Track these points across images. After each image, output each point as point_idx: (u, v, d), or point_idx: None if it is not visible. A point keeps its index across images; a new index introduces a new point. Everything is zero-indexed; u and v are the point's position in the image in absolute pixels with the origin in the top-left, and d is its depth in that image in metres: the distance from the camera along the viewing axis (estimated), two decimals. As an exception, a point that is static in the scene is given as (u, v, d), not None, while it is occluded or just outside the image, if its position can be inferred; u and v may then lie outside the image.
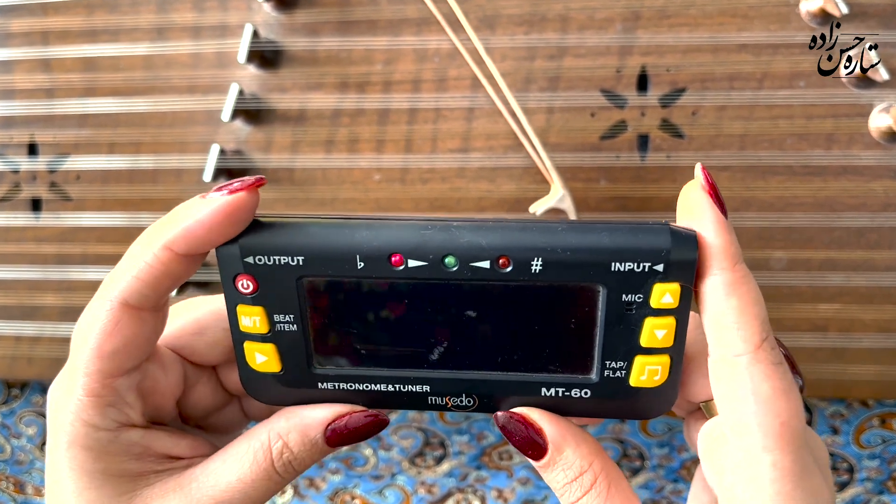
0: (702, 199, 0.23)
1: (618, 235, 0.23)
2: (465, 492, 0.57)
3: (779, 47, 0.42)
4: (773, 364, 0.22)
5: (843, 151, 0.42)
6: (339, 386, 0.26)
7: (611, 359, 0.24)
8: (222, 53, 0.46)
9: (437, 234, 0.23)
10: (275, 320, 0.25)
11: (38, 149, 0.48)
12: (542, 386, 0.25)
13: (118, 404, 0.24)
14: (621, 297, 0.23)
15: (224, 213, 0.23)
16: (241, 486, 0.25)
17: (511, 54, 0.44)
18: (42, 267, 0.49)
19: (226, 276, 0.24)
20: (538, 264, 0.23)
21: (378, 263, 0.23)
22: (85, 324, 0.24)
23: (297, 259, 0.23)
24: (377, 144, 0.45)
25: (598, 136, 0.44)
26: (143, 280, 0.23)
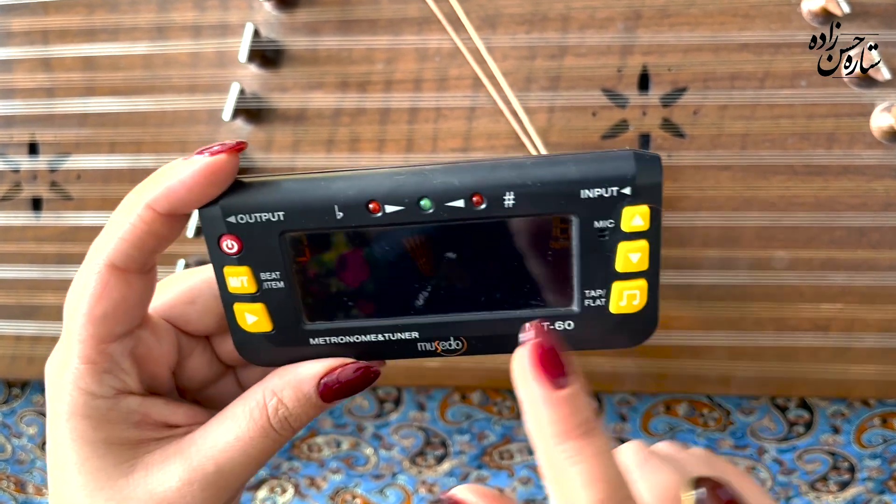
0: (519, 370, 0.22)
1: (585, 164, 0.23)
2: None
3: (780, 47, 0.42)
4: None
5: (845, 151, 0.42)
6: (330, 340, 0.26)
7: (589, 287, 0.25)
8: (223, 53, 0.46)
9: (410, 178, 0.24)
10: (262, 279, 0.25)
11: (38, 148, 0.48)
12: (526, 321, 0.25)
13: (114, 370, 0.25)
14: (593, 223, 0.24)
15: (205, 173, 0.23)
16: (239, 445, 0.25)
17: (512, 53, 0.44)
18: (42, 266, 0.49)
19: (210, 238, 0.25)
20: (511, 199, 0.24)
21: (356, 212, 0.24)
22: (75, 291, 0.24)
23: (278, 214, 0.24)
24: (378, 144, 0.45)
25: (600, 135, 0.44)
26: (128, 241, 0.23)
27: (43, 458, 0.59)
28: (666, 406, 0.52)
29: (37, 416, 0.57)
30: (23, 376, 0.51)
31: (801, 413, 0.50)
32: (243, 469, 0.26)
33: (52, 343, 0.48)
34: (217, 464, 0.25)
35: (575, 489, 0.21)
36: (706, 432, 0.52)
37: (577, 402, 0.22)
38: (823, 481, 0.53)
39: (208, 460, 0.25)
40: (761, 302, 0.43)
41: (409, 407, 0.54)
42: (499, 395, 0.53)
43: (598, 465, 0.21)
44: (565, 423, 0.21)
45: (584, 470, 0.21)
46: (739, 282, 0.43)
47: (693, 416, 0.52)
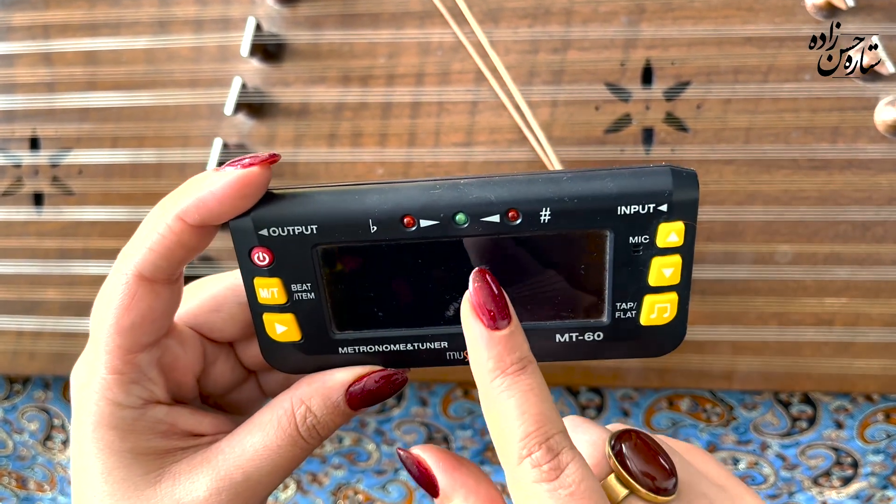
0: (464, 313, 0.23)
1: (621, 180, 0.23)
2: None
3: (784, 40, 0.42)
4: (532, 483, 0.21)
5: (849, 145, 0.42)
6: (359, 349, 0.26)
7: (621, 300, 0.25)
8: (225, 47, 0.45)
9: (446, 192, 0.23)
10: (292, 290, 0.25)
11: (40, 143, 0.48)
12: (555, 332, 0.26)
13: (141, 381, 0.25)
14: (628, 239, 0.24)
15: (237, 186, 0.23)
16: (267, 454, 0.25)
17: (515, 47, 0.44)
18: (44, 261, 0.48)
19: (241, 249, 0.24)
20: (546, 214, 0.23)
21: (390, 226, 0.24)
22: (102, 300, 0.24)
23: (311, 228, 0.24)
24: (380, 138, 0.45)
25: (603, 129, 0.44)
26: (157, 251, 0.23)
27: (44, 455, 0.59)
28: (669, 401, 0.51)
29: (38, 412, 0.57)
30: (24, 372, 0.50)
31: (804, 408, 0.50)
32: (271, 478, 0.26)
33: (54, 338, 0.49)
34: (245, 472, 0.25)
35: (508, 421, 0.22)
36: (709, 428, 0.52)
37: (513, 341, 0.23)
38: (826, 476, 0.53)
39: (236, 469, 0.25)
40: (765, 296, 0.43)
41: (412, 402, 0.54)
42: None
43: (532, 398, 0.22)
44: (500, 359, 0.22)
45: (517, 403, 0.22)
46: (743, 276, 0.43)
47: (696, 411, 0.52)
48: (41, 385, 0.56)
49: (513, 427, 0.21)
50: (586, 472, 0.21)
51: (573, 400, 0.52)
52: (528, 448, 0.21)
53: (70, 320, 0.49)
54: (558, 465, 0.21)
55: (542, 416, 0.22)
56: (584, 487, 0.21)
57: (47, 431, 0.58)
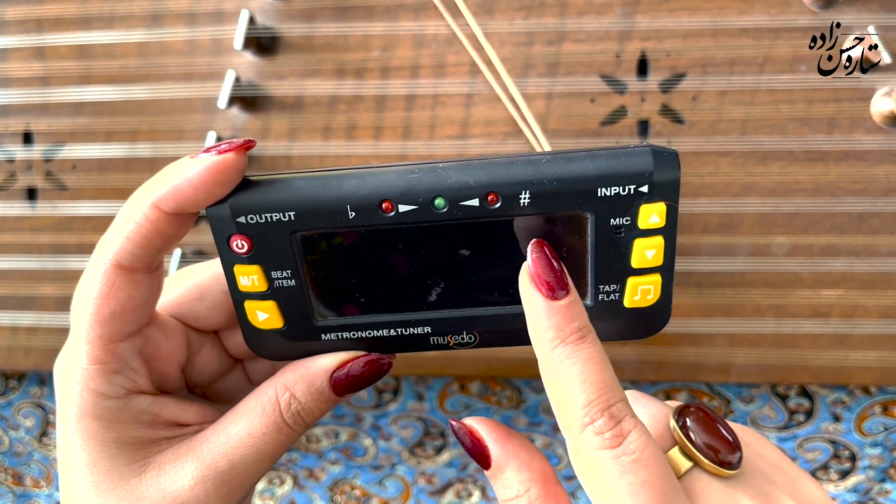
0: (523, 284, 0.23)
1: (601, 161, 0.23)
2: (465, 482, 0.57)
3: (780, 31, 0.42)
4: (595, 450, 0.21)
5: (845, 136, 0.42)
6: (342, 335, 0.26)
7: (604, 283, 0.25)
8: (218, 40, 0.45)
9: (424, 176, 0.23)
10: (272, 277, 0.25)
11: (33, 137, 0.48)
12: None
13: (123, 370, 0.25)
14: (609, 221, 0.24)
15: (212, 172, 0.23)
16: (252, 441, 0.25)
17: (510, 39, 0.43)
18: (38, 256, 0.48)
19: (219, 237, 0.24)
20: (526, 197, 0.23)
21: (369, 211, 0.23)
22: (81, 291, 0.24)
23: (289, 214, 0.24)
24: (375, 131, 0.45)
25: (598, 121, 0.43)
26: (134, 240, 0.23)
27: (40, 451, 0.58)
28: (666, 395, 0.51)
29: (34, 407, 0.57)
30: (20, 368, 0.50)
31: (802, 401, 0.50)
32: (257, 466, 0.25)
33: (49, 334, 0.48)
34: (230, 461, 0.25)
35: (570, 389, 0.22)
36: (706, 421, 0.52)
37: (573, 311, 0.23)
38: (824, 470, 0.53)
39: (221, 457, 0.25)
40: (761, 289, 0.43)
41: (408, 397, 0.53)
42: (498, 384, 0.52)
43: (593, 366, 0.22)
44: (560, 328, 0.22)
45: (578, 371, 0.22)
46: (739, 268, 0.43)
47: (693, 404, 0.52)
48: (37, 381, 0.56)
49: (575, 395, 0.22)
50: (649, 439, 0.21)
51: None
52: (590, 416, 0.21)
53: (65, 316, 0.48)
54: (621, 433, 0.21)
55: (603, 383, 0.22)
56: (648, 455, 0.21)
57: (43, 427, 0.57)
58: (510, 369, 0.46)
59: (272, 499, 0.59)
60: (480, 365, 0.46)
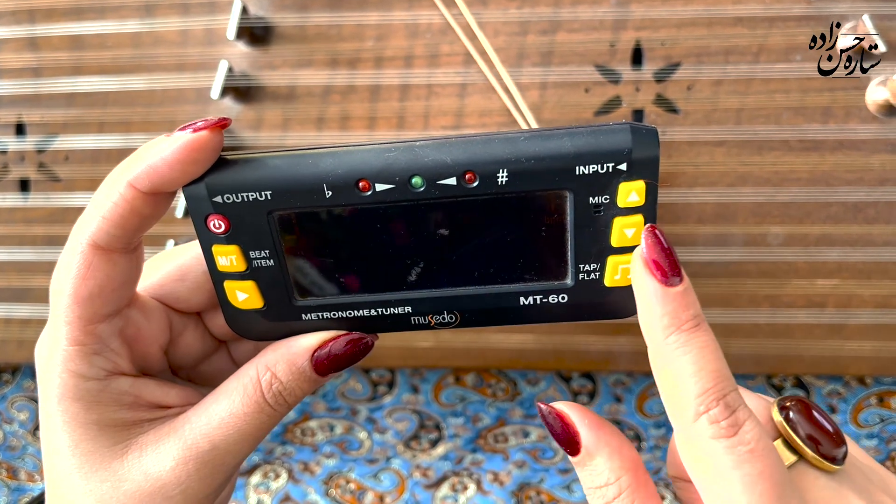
0: (636, 270, 0.23)
1: (580, 139, 0.23)
2: (460, 475, 0.57)
3: (775, 20, 0.42)
4: (710, 439, 0.21)
5: (840, 125, 0.42)
6: (323, 315, 0.26)
7: (584, 262, 0.25)
8: (211, 30, 0.45)
9: (401, 155, 0.23)
10: (251, 257, 0.25)
11: (25, 129, 0.48)
12: (519, 295, 0.25)
13: (103, 351, 0.24)
14: (588, 199, 0.23)
15: (187, 150, 0.22)
16: (233, 422, 0.25)
17: (504, 29, 0.43)
18: (31, 248, 0.48)
19: (196, 217, 0.24)
20: (504, 176, 0.23)
21: (346, 191, 0.23)
22: (59, 272, 0.24)
23: (265, 194, 0.23)
24: (369, 122, 0.45)
25: (593, 111, 0.43)
26: (110, 220, 0.23)
27: (35, 445, 0.58)
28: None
29: (28, 401, 0.56)
30: (13, 360, 0.50)
31: (798, 392, 0.50)
32: (239, 446, 0.25)
33: (43, 326, 0.48)
34: (212, 441, 0.25)
35: (684, 378, 0.21)
36: (702, 413, 0.52)
37: (687, 298, 0.22)
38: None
39: (203, 438, 0.25)
40: (756, 279, 0.43)
41: (403, 389, 0.53)
42: (493, 376, 0.52)
43: (708, 355, 0.22)
44: (675, 316, 0.22)
45: (693, 359, 0.21)
46: (734, 258, 0.43)
47: (688, 396, 0.51)
48: (30, 374, 0.56)
49: (689, 384, 0.21)
50: (762, 431, 0.21)
51: (565, 386, 0.52)
52: (705, 404, 0.21)
53: (58, 308, 0.48)
54: (736, 422, 0.21)
55: (718, 373, 0.21)
56: (763, 446, 0.21)
57: (37, 421, 0.57)
58: (505, 361, 0.46)
59: (267, 492, 0.59)
60: (475, 357, 0.46)
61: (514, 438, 0.55)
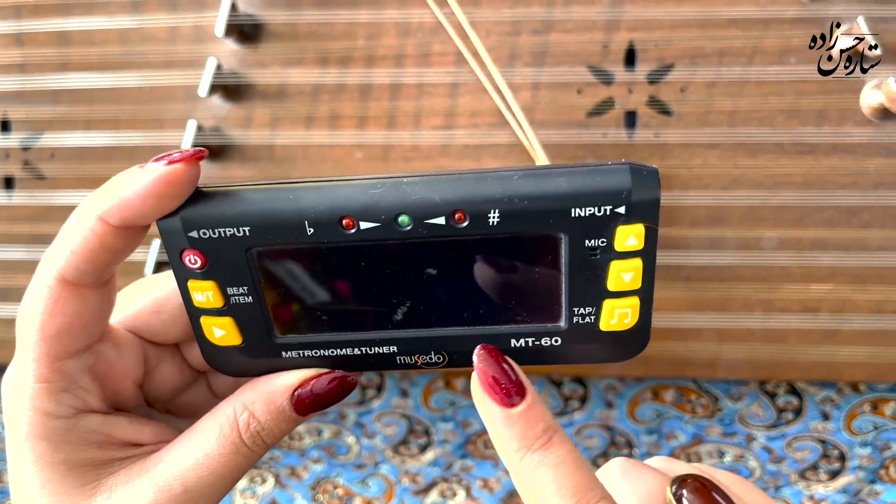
0: (476, 394, 0.23)
1: (576, 179, 0.22)
2: (449, 481, 0.56)
3: (769, 22, 0.41)
4: None
5: (834, 129, 0.41)
6: (304, 353, 0.25)
7: (579, 305, 0.24)
8: (200, 27, 0.45)
9: (387, 192, 0.22)
10: (229, 293, 0.24)
11: (10, 126, 0.47)
12: (510, 337, 0.24)
13: (72, 389, 0.23)
14: (584, 242, 0.22)
15: (161, 184, 0.21)
16: (208, 463, 0.24)
17: (496, 29, 0.43)
18: (15, 247, 0.47)
19: (171, 251, 0.23)
20: (495, 216, 0.22)
21: (328, 228, 0.22)
22: (27, 306, 0.22)
23: (244, 230, 0.22)
24: (359, 121, 0.44)
25: (585, 112, 0.43)
26: (80, 254, 0.22)
27: (17, 447, 0.57)
28: (653, 392, 0.51)
29: (11, 403, 0.56)
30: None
31: (790, 399, 0.49)
32: (213, 489, 0.24)
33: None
34: (185, 484, 0.24)
35: (546, 497, 0.21)
36: (694, 419, 0.51)
37: (533, 415, 0.22)
38: (814, 470, 0.52)
39: (175, 479, 0.24)
40: (750, 283, 0.43)
41: (392, 394, 0.53)
42: None
43: (565, 469, 0.21)
44: (524, 437, 0.22)
45: (552, 478, 0.21)
46: (728, 262, 0.42)
47: (681, 402, 0.51)
48: (14, 376, 0.55)
49: (553, 502, 0.21)
50: None
51: (556, 391, 0.51)
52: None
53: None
54: None
55: (580, 486, 0.21)
56: None
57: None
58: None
59: (254, 497, 0.58)
60: None
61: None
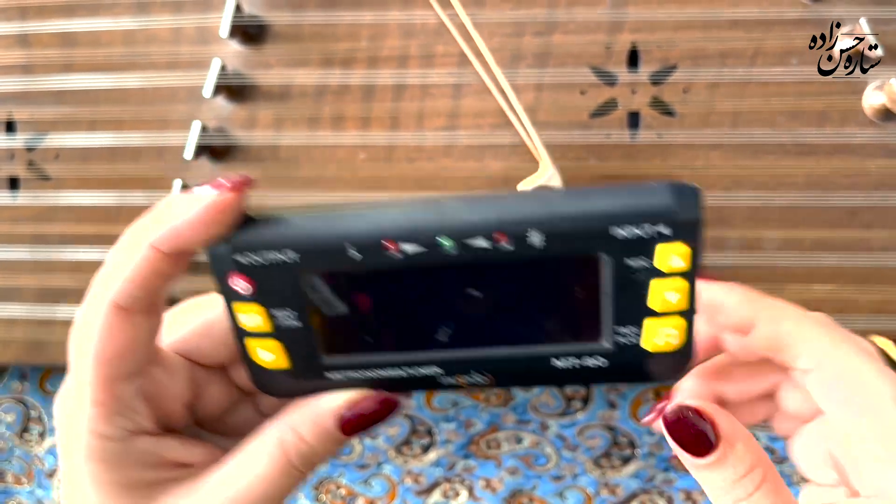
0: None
1: (617, 199, 0.22)
2: (452, 481, 0.56)
3: (772, 24, 0.41)
4: None
5: (837, 130, 0.42)
6: (350, 375, 0.25)
7: (621, 324, 0.24)
8: (204, 28, 0.45)
9: (429, 215, 0.22)
10: (276, 317, 0.24)
11: (15, 126, 0.47)
12: (554, 357, 0.25)
13: (125, 412, 0.24)
14: (626, 262, 0.22)
15: (211, 211, 0.22)
16: (258, 484, 0.24)
17: (499, 30, 0.43)
18: (19, 247, 0.48)
19: (220, 276, 0.24)
20: (537, 236, 0.22)
21: (372, 251, 0.23)
22: (80, 331, 0.23)
23: (291, 254, 0.23)
24: (362, 122, 0.44)
25: (588, 113, 0.43)
26: (133, 281, 0.23)
27: (21, 447, 0.57)
28: (655, 393, 0.51)
29: (15, 403, 0.56)
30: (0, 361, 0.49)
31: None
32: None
33: (29, 326, 0.48)
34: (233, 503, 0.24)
35: None
36: (696, 420, 0.51)
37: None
38: (815, 470, 0.52)
39: (225, 501, 0.24)
40: (752, 283, 0.42)
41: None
42: None
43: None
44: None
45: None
46: (730, 262, 0.42)
47: (683, 403, 0.51)
48: (17, 376, 0.55)
49: None
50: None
51: (559, 391, 0.51)
52: None
53: (46, 307, 0.48)
54: None
55: None
56: None
57: (24, 423, 0.57)
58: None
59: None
60: None
61: (506, 444, 0.55)
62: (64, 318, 0.47)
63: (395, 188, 0.44)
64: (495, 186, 0.44)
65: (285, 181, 0.45)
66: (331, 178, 0.45)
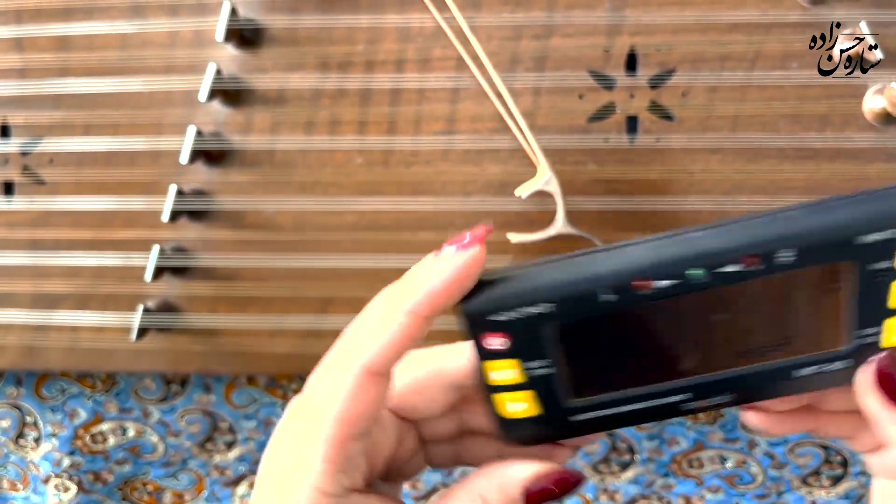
0: None
1: (858, 207, 0.23)
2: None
3: (771, 27, 0.41)
4: None
5: (837, 134, 0.41)
6: (593, 415, 0.26)
7: (863, 327, 0.25)
8: (200, 32, 0.44)
9: (676, 249, 0.23)
10: (529, 368, 0.25)
11: (10, 131, 0.47)
12: (795, 368, 0.25)
13: (348, 470, 0.25)
14: (870, 266, 0.23)
15: (464, 271, 0.23)
16: None
17: (497, 34, 0.43)
18: (14, 253, 0.47)
19: (474, 334, 0.24)
20: (787, 254, 0.23)
21: (623, 293, 0.23)
22: (327, 389, 0.24)
23: (544, 306, 0.24)
24: (359, 126, 0.44)
25: (586, 118, 0.43)
26: (389, 347, 0.23)
27: (16, 452, 0.57)
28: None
29: (10, 408, 0.55)
30: (-6, 367, 0.49)
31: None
32: None
33: (24, 332, 0.47)
34: None
35: None
36: (696, 425, 0.51)
37: None
38: (816, 476, 0.52)
39: None
40: (752, 289, 0.42)
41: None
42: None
43: None
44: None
45: None
46: (729, 268, 0.42)
47: (682, 408, 0.51)
48: (13, 381, 0.55)
49: None
50: None
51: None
52: None
53: (41, 313, 0.47)
54: None
55: None
56: None
57: (20, 429, 0.56)
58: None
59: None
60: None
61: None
62: (59, 324, 0.47)
63: (392, 193, 0.44)
64: (493, 191, 0.43)
65: (281, 186, 0.44)
66: (327, 182, 0.44)
